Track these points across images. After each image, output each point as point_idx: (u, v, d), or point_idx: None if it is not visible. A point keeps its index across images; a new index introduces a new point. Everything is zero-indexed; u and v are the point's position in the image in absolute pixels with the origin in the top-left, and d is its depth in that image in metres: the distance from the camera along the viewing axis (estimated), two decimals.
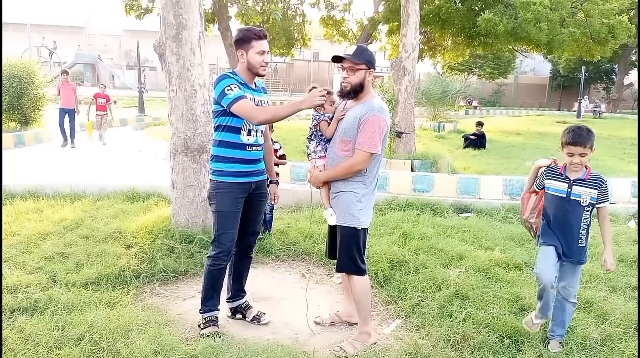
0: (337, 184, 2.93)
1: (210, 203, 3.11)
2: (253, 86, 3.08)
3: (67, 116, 11.31)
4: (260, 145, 3.14)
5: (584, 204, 2.79)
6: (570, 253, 2.85)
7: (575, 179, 2.81)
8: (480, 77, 39.29)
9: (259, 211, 3.28)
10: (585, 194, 2.78)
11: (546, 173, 2.92)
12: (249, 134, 3.03)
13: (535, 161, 3.04)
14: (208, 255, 3.14)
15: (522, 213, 3.09)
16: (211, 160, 3.10)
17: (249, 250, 3.37)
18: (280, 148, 4.76)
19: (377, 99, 2.91)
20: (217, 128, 3.04)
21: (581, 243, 2.83)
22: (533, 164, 3.05)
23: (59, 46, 35.00)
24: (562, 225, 2.85)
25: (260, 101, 3.08)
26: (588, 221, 2.83)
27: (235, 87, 2.89)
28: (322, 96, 2.76)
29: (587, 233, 2.85)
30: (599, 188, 2.78)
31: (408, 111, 9.36)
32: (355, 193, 2.88)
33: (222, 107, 2.92)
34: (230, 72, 3.01)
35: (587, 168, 2.83)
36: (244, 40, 2.96)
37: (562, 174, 2.86)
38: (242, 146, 3.02)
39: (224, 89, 2.88)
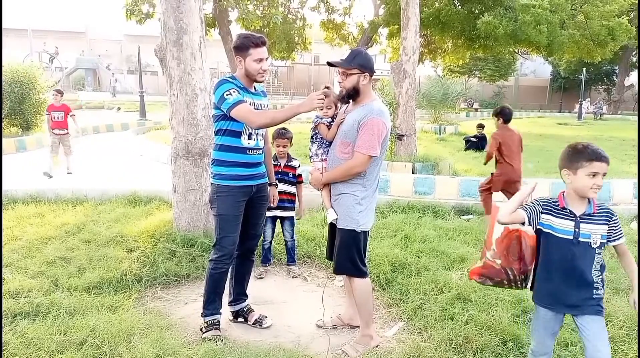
0: (337, 186, 2.93)
1: (212, 207, 3.12)
2: (252, 90, 3.09)
3: None
4: (260, 148, 3.15)
5: (594, 246, 2.15)
6: (584, 306, 2.19)
7: (582, 215, 2.15)
8: (480, 80, 39.26)
9: (260, 215, 3.29)
10: (595, 233, 2.14)
11: (543, 206, 2.23)
12: (249, 137, 3.04)
13: (524, 188, 2.26)
14: (210, 258, 3.15)
15: (487, 248, 2.36)
16: (212, 164, 3.11)
17: (250, 253, 3.38)
18: (299, 166, 4.39)
19: (377, 102, 2.91)
20: (217, 132, 3.05)
21: (597, 294, 2.18)
22: (519, 195, 2.24)
23: (60, 51, 35.04)
24: (570, 272, 2.18)
25: (260, 104, 3.09)
26: (600, 264, 2.19)
27: (234, 91, 2.90)
28: (321, 99, 2.78)
29: (602, 279, 2.21)
30: (608, 222, 2.16)
31: (409, 114, 9.37)
32: (355, 196, 2.88)
33: (222, 111, 2.94)
34: (229, 77, 3.02)
35: (590, 200, 2.17)
36: (241, 48, 2.97)
37: (564, 208, 2.18)
38: (243, 150, 3.03)
39: (223, 93, 2.89)
